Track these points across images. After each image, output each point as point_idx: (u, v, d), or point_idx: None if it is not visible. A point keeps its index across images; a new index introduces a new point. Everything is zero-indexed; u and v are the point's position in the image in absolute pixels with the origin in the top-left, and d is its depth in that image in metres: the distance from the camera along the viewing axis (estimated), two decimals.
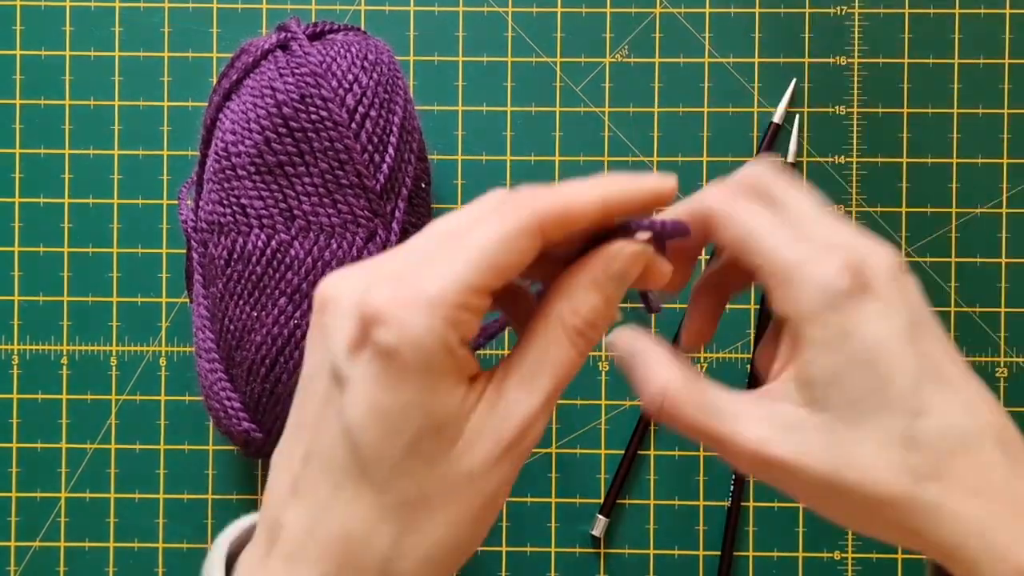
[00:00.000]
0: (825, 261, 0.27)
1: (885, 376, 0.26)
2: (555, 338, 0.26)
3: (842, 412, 0.26)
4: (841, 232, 0.28)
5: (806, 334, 0.27)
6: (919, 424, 0.26)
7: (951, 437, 0.26)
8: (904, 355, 0.26)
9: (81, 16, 0.49)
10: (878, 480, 0.26)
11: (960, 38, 0.49)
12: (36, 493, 0.48)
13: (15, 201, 0.49)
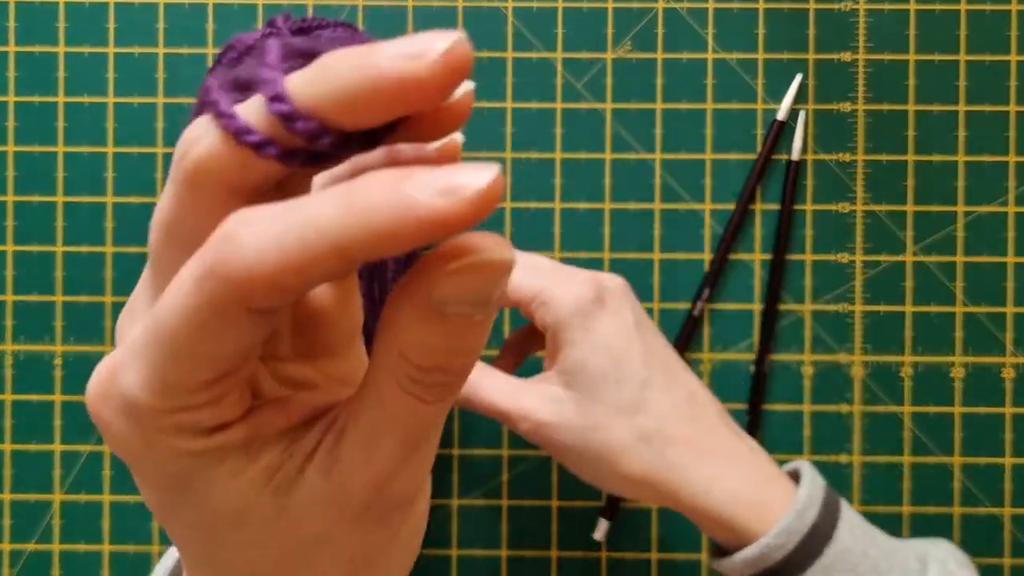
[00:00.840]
0: (574, 283, 0.36)
1: (618, 358, 0.36)
2: (389, 392, 0.18)
3: (588, 389, 0.35)
4: (575, 269, 0.38)
5: (562, 337, 0.36)
6: (646, 393, 0.36)
7: (669, 402, 0.36)
8: (631, 343, 0.36)
9: (75, 12, 0.49)
10: (611, 438, 0.35)
11: (966, 34, 0.48)
12: (30, 495, 0.48)
13: (9, 200, 0.48)
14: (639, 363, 0.36)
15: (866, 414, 0.48)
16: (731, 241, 0.48)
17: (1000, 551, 0.47)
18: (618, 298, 0.37)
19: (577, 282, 0.36)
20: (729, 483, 0.35)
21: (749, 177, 0.48)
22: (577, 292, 0.36)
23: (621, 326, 0.36)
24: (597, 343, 0.36)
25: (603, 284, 0.37)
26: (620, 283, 0.38)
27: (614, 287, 0.37)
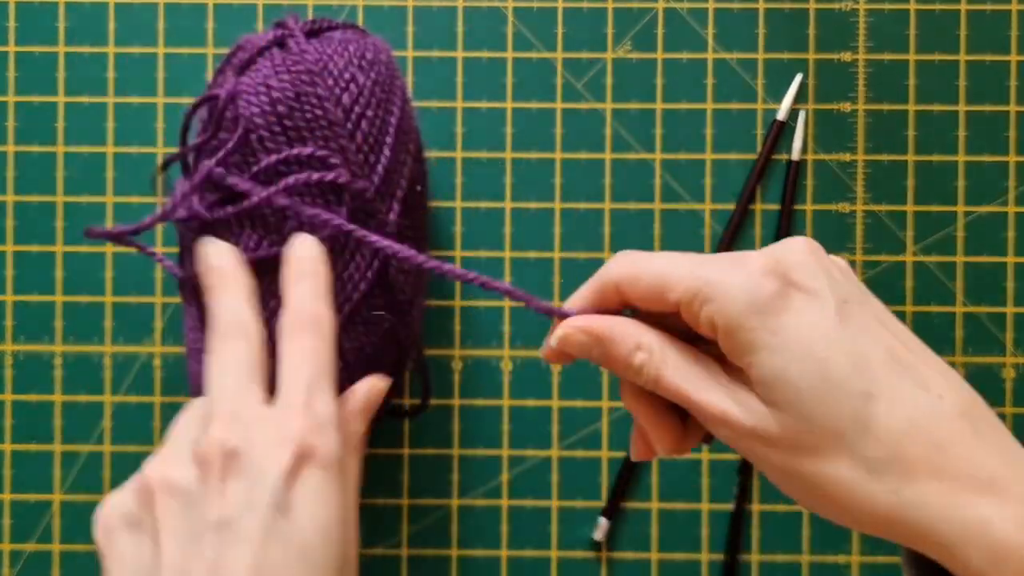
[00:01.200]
0: (744, 271, 0.28)
1: (823, 365, 0.27)
2: None
3: (791, 406, 0.27)
4: (742, 253, 0.30)
5: (742, 341, 0.28)
6: (871, 408, 0.26)
7: (904, 419, 0.26)
8: (838, 340, 0.27)
9: (75, 12, 0.49)
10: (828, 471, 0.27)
11: (966, 34, 0.48)
12: (30, 495, 0.48)
13: (8, 199, 0.48)
14: (850, 365, 0.27)
15: None
16: (731, 241, 0.48)
17: None
18: (808, 277, 0.28)
19: (748, 270, 0.28)
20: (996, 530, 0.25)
21: (749, 177, 0.48)
22: (750, 283, 0.28)
23: (819, 317, 0.27)
24: (790, 348, 0.27)
25: (784, 263, 0.28)
26: (803, 249, 0.29)
27: (798, 262, 0.28)
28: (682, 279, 0.29)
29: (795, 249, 0.29)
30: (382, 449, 0.48)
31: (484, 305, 0.48)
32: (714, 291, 0.28)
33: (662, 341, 0.30)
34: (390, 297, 0.41)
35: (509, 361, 0.48)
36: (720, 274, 0.28)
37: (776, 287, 0.28)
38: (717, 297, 0.28)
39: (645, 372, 0.29)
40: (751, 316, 0.27)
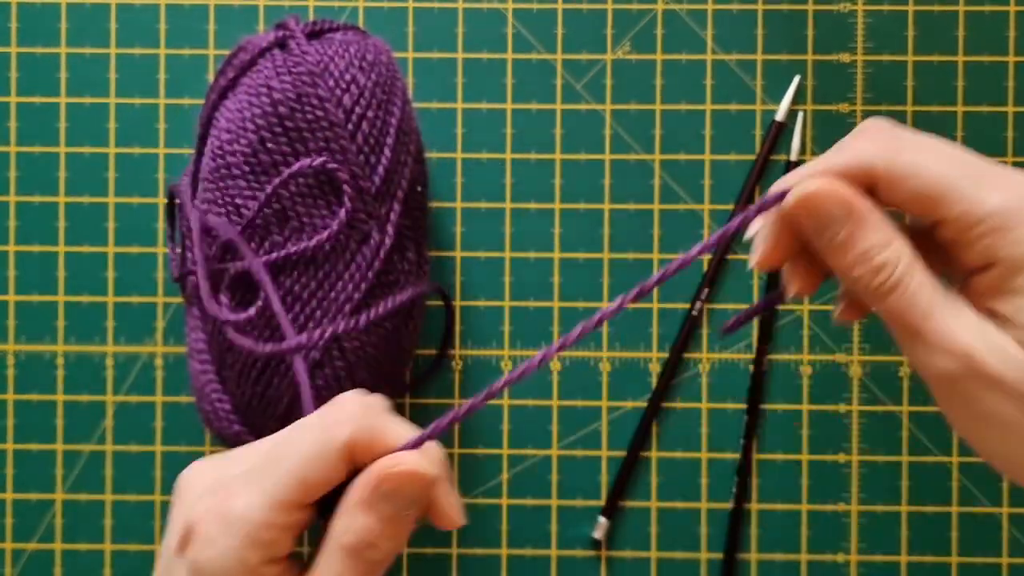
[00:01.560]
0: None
1: None
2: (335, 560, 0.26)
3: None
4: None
5: (1021, 284, 0.24)
6: None
7: None
8: None
9: (76, 13, 0.49)
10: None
11: (964, 35, 0.48)
12: (31, 495, 0.48)
13: (10, 200, 0.49)
14: None
15: (864, 414, 0.48)
16: (730, 242, 0.48)
17: (998, 550, 0.48)
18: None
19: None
20: None
21: (748, 178, 0.48)
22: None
23: None
24: None
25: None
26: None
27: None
28: (966, 198, 0.24)
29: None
30: None
31: (484, 305, 0.49)
32: (1008, 223, 0.24)
33: (913, 250, 0.26)
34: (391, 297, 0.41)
35: (509, 361, 0.48)
36: (1016, 206, 0.24)
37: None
38: (1012, 231, 0.24)
39: (884, 277, 0.25)
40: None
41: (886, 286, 0.25)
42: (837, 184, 0.25)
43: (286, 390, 0.40)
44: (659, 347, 0.48)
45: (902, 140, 0.26)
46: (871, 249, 0.25)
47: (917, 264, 0.25)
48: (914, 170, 0.25)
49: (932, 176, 0.25)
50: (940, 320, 0.25)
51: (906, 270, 0.25)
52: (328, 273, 0.40)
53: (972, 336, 0.24)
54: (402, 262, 0.42)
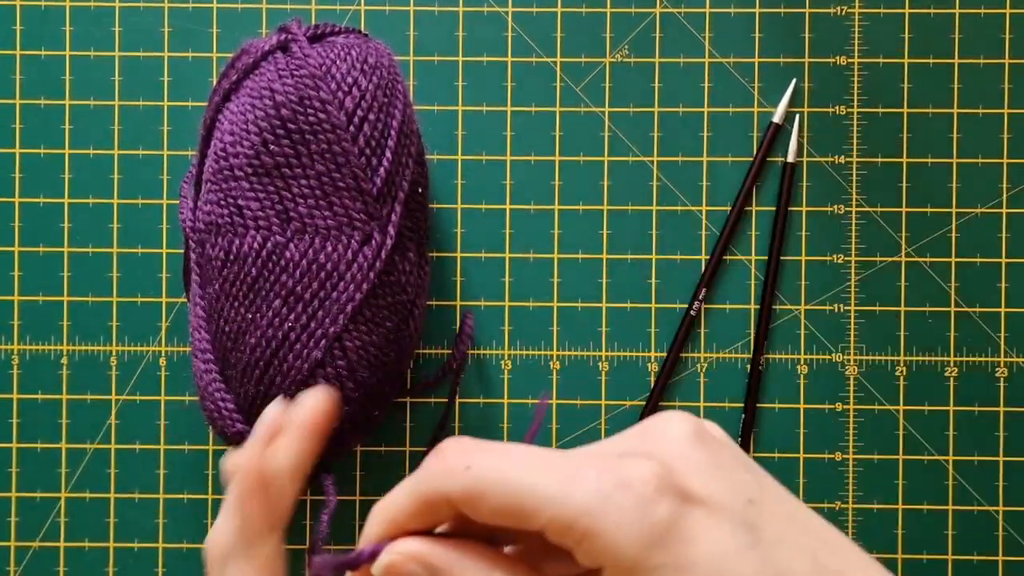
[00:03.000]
0: (628, 492, 0.22)
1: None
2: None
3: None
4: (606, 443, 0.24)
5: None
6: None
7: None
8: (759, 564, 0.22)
9: (81, 16, 0.49)
10: None
11: (960, 38, 0.49)
12: (36, 493, 0.48)
13: (15, 201, 0.49)
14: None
15: (860, 412, 0.48)
16: (727, 242, 0.48)
17: (994, 549, 0.48)
18: (703, 481, 0.23)
19: (636, 491, 0.22)
20: None
21: (745, 179, 0.48)
22: (641, 511, 0.22)
23: (729, 538, 0.22)
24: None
25: (670, 467, 0.23)
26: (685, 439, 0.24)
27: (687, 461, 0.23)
28: (548, 504, 0.22)
29: (677, 440, 0.23)
30: (384, 447, 0.49)
31: (484, 305, 0.49)
32: (596, 525, 0.21)
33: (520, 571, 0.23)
34: (392, 297, 0.42)
35: (509, 360, 0.49)
36: (600, 501, 0.22)
37: (672, 508, 0.22)
38: (601, 532, 0.21)
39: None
40: (651, 552, 0.21)
41: None
42: (413, 546, 0.24)
43: (288, 389, 0.40)
44: (657, 346, 0.49)
45: (475, 454, 0.23)
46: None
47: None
48: (490, 483, 0.22)
49: (509, 486, 0.22)
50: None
51: None
52: (330, 273, 0.40)
53: None
54: (403, 263, 0.42)
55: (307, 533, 0.49)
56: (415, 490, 0.24)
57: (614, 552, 0.21)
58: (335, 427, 0.41)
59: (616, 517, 0.21)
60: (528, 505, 0.22)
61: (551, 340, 0.49)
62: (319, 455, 0.29)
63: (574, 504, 0.22)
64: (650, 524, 0.21)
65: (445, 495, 0.23)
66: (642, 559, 0.21)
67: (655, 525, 0.21)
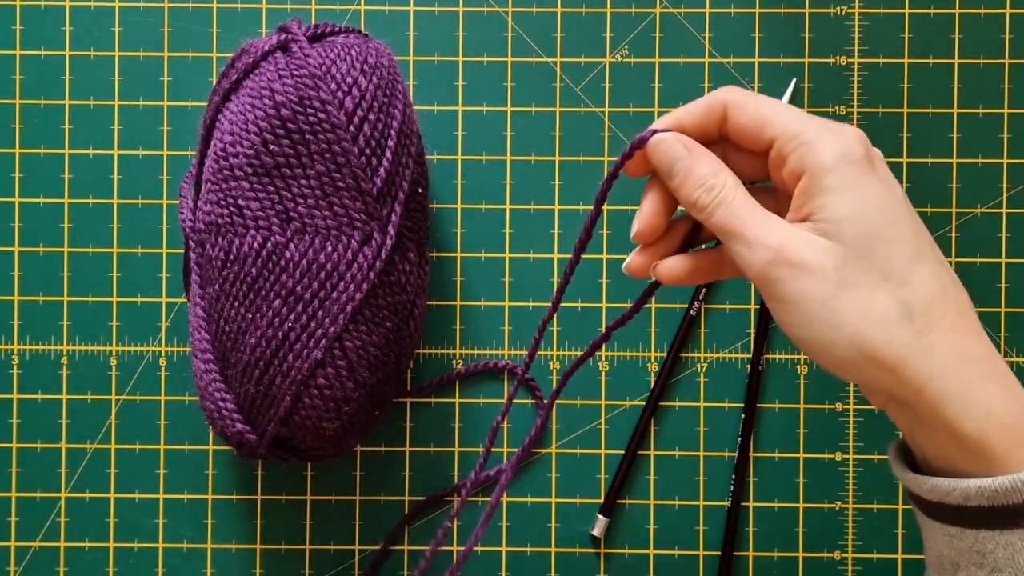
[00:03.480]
0: (843, 134, 0.32)
1: (892, 221, 0.31)
2: None
3: (854, 244, 0.30)
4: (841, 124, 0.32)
5: (826, 183, 0.31)
6: (918, 267, 0.31)
7: (940, 284, 0.31)
8: (905, 211, 0.31)
9: (81, 16, 0.49)
10: (871, 303, 0.30)
11: (960, 38, 0.49)
12: (36, 493, 0.49)
13: (15, 201, 0.49)
14: (912, 233, 0.31)
15: (860, 413, 0.48)
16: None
17: None
18: (887, 169, 0.32)
19: (847, 134, 0.32)
20: (993, 397, 0.30)
21: None
22: (847, 143, 0.31)
23: (893, 192, 0.31)
24: (868, 199, 0.31)
25: (875, 150, 0.32)
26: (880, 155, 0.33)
27: (879, 154, 0.33)
28: (786, 121, 0.32)
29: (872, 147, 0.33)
30: (384, 447, 0.49)
31: (484, 305, 0.49)
32: (814, 138, 0.31)
33: (736, 179, 0.33)
34: (392, 297, 0.42)
35: (509, 361, 0.49)
36: (821, 127, 0.32)
37: (864, 152, 0.31)
38: (816, 143, 0.31)
39: (714, 195, 0.32)
40: (843, 165, 0.31)
41: (715, 202, 0.32)
42: (677, 134, 0.33)
43: (288, 389, 0.40)
44: (657, 346, 0.49)
45: (747, 91, 0.34)
46: (705, 176, 0.32)
47: (739, 188, 0.32)
48: (754, 101, 0.33)
49: (765, 105, 0.33)
50: (756, 225, 0.31)
51: (730, 191, 0.32)
52: (330, 273, 0.40)
53: (781, 233, 0.31)
54: (403, 262, 0.42)
55: (307, 533, 0.49)
56: (701, 100, 0.34)
57: (819, 157, 0.31)
58: (335, 427, 0.41)
59: (829, 139, 0.31)
60: (776, 117, 0.32)
61: (551, 340, 0.49)
62: None
63: (805, 126, 0.32)
64: (850, 151, 0.31)
65: (723, 100, 0.33)
66: (836, 166, 0.31)
67: (853, 153, 0.31)
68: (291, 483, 0.49)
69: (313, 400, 0.41)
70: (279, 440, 0.42)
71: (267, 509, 0.49)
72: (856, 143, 0.31)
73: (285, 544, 0.49)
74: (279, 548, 0.49)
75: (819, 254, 0.30)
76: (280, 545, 0.49)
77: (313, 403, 0.41)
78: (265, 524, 0.49)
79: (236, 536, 0.49)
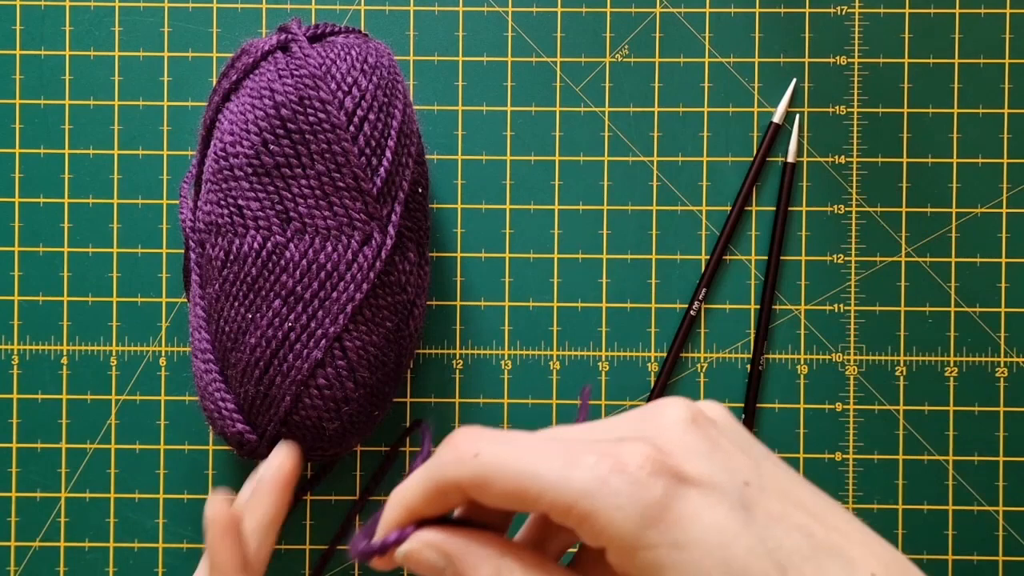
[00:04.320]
0: (623, 475, 0.23)
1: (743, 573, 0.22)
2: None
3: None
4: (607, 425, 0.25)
5: (643, 561, 0.23)
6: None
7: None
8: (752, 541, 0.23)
9: (81, 15, 0.49)
10: None
11: (960, 38, 0.49)
12: (36, 493, 0.49)
13: (15, 201, 0.49)
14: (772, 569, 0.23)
15: (860, 412, 0.48)
16: (727, 242, 0.48)
17: (994, 549, 0.48)
18: (698, 464, 0.24)
19: (630, 473, 0.23)
20: None
21: (745, 179, 0.49)
22: (635, 492, 0.23)
23: (723, 516, 0.23)
24: (702, 562, 0.22)
25: (666, 451, 0.24)
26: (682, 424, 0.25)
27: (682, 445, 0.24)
28: (550, 488, 0.23)
29: (673, 424, 0.25)
30: (384, 447, 0.49)
31: (484, 305, 0.49)
32: (594, 506, 0.23)
33: (521, 565, 0.25)
34: (392, 297, 0.42)
35: (509, 360, 0.49)
36: (598, 484, 0.23)
37: (665, 488, 0.23)
38: (599, 513, 0.23)
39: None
40: (647, 532, 0.23)
41: None
42: (430, 536, 0.26)
43: (288, 389, 0.40)
44: (657, 346, 0.49)
45: (483, 442, 0.25)
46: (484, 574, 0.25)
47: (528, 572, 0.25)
48: (496, 470, 0.24)
49: (513, 472, 0.24)
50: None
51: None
52: (330, 273, 0.40)
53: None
54: (403, 263, 0.42)
55: (307, 533, 0.49)
56: (429, 477, 0.26)
57: (612, 532, 0.23)
58: (335, 427, 0.41)
59: (613, 499, 0.23)
60: (531, 490, 0.23)
61: (551, 340, 0.49)
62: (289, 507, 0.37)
63: (573, 488, 0.23)
64: (644, 505, 0.22)
65: (456, 482, 0.25)
66: (639, 538, 0.22)
67: (650, 506, 0.22)
68: None
69: (313, 400, 0.41)
70: (279, 440, 0.42)
71: None
72: (648, 484, 0.23)
73: (285, 544, 0.49)
74: (279, 548, 0.49)
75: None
76: (280, 545, 0.49)
77: (313, 403, 0.41)
78: None
79: None
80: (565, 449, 0.24)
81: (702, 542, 0.22)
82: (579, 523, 0.23)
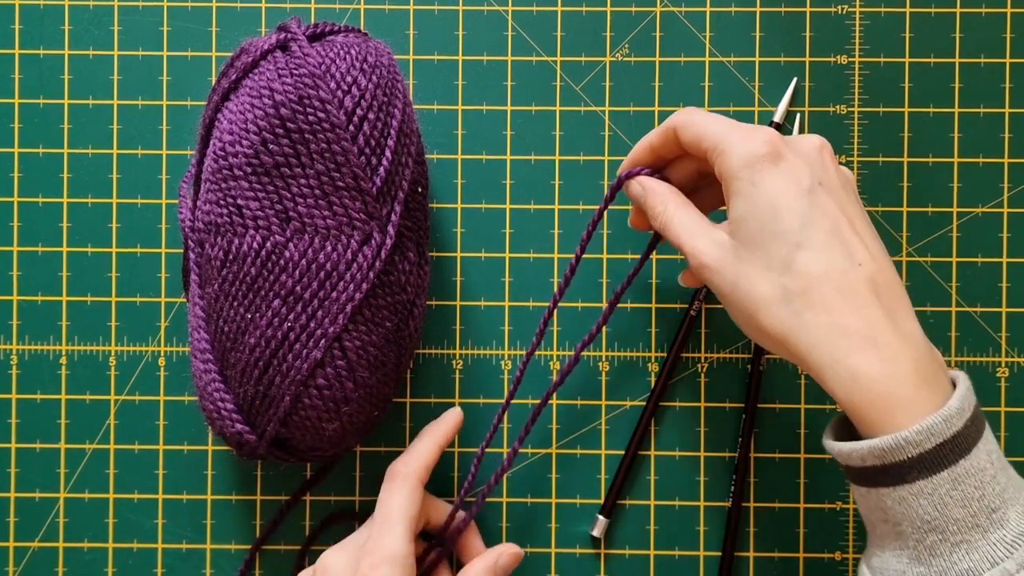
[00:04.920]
0: (751, 138, 0.37)
1: (778, 215, 0.36)
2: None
3: (747, 241, 0.36)
4: (759, 127, 0.38)
5: (731, 187, 0.37)
6: (799, 254, 0.35)
7: (820, 268, 0.35)
8: (798, 205, 0.36)
9: (80, 15, 0.49)
10: (755, 291, 0.36)
11: (961, 37, 0.49)
12: (35, 493, 0.49)
13: (14, 200, 0.49)
14: (798, 223, 0.35)
15: None
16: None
17: None
18: (800, 158, 0.37)
19: (755, 138, 0.37)
20: (861, 367, 0.34)
21: None
22: (750, 147, 0.37)
23: (791, 185, 0.36)
24: (761, 198, 0.36)
25: (785, 142, 0.37)
26: (811, 144, 0.38)
27: (800, 147, 0.38)
28: (712, 134, 0.38)
29: (804, 140, 0.38)
30: (384, 447, 0.49)
31: (484, 305, 0.49)
32: (726, 146, 0.37)
33: (678, 203, 0.40)
34: (392, 297, 0.42)
35: (509, 360, 0.49)
36: (736, 134, 0.37)
37: (767, 152, 0.37)
38: (727, 151, 0.37)
39: (659, 220, 0.40)
40: (743, 169, 0.37)
41: (661, 225, 0.40)
42: (642, 179, 0.42)
43: (288, 389, 0.40)
44: (658, 347, 0.49)
45: (694, 110, 0.40)
46: (654, 206, 0.40)
47: (679, 209, 0.40)
48: (691, 123, 0.39)
49: (699, 124, 0.39)
50: (687, 236, 0.39)
51: (670, 215, 0.40)
52: (330, 273, 0.40)
53: (700, 240, 0.38)
54: (403, 262, 0.42)
55: (306, 533, 0.49)
56: (662, 125, 0.41)
57: (728, 163, 0.37)
58: (334, 428, 0.41)
59: (737, 145, 0.37)
60: (704, 133, 0.38)
61: (551, 340, 0.49)
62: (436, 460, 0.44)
63: (723, 134, 0.38)
64: (752, 154, 0.37)
65: (673, 124, 0.40)
66: (738, 170, 0.37)
67: (754, 156, 0.37)
68: (291, 483, 0.49)
69: (313, 400, 0.40)
70: (279, 440, 0.42)
71: (267, 509, 0.49)
72: (760, 145, 0.37)
73: (284, 544, 0.49)
74: (279, 548, 0.49)
75: (722, 253, 0.37)
76: (280, 545, 0.49)
77: (313, 403, 0.41)
78: (265, 524, 0.49)
79: (235, 536, 0.49)
80: (729, 121, 0.39)
81: (767, 188, 0.36)
82: (717, 156, 0.38)
